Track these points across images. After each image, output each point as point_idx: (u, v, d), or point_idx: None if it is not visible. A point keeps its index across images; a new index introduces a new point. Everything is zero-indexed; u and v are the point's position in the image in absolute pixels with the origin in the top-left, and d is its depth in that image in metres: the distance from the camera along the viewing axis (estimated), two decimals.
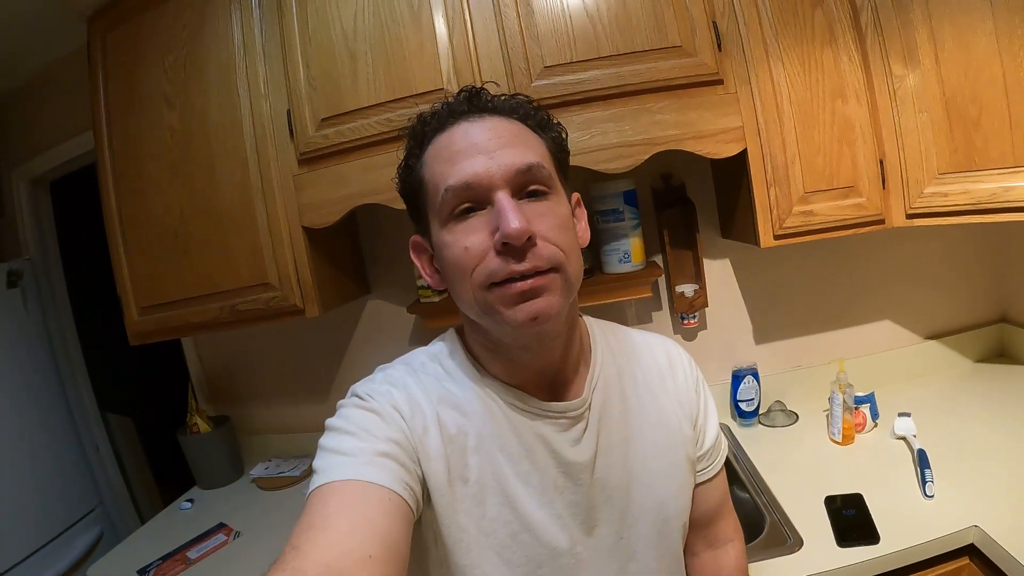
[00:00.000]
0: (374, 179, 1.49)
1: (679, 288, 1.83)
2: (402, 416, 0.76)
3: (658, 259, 1.88)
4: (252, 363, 2.24)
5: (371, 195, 1.50)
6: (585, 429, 0.84)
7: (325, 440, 0.73)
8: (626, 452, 0.87)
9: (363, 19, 1.48)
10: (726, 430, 1.84)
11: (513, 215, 0.69)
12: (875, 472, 1.47)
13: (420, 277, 1.84)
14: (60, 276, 2.71)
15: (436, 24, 1.44)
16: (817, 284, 1.90)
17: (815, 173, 1.44)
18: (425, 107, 0.82)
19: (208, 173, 1.62)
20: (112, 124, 1.76)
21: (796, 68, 1.42)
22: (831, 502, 1.37)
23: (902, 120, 1.41)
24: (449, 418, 0.78)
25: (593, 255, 1.78)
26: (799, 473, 1.54)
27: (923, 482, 1.34)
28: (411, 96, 1.45)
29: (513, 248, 0.70)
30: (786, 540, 1.30)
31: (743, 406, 1.84)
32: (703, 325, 1.92)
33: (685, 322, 1.86)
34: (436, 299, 1.80)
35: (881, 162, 1.45)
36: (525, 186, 0.74)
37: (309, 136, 1.52)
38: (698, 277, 1.82)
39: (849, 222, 1.46)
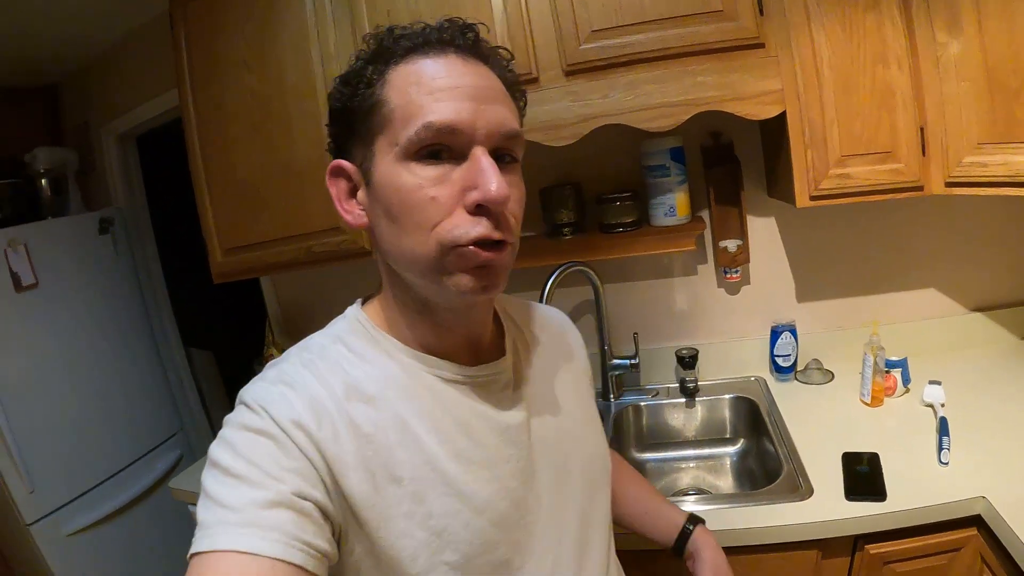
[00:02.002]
0: None
1: (723, 243, 1.92)
2: (305, 431, 0.65)
3: (704, 214, 1.97)
4: (325, 301, 2.43)
5: None
6: (513, 389, 0.82)
7: (207, 479, 0.63)
8: (553, 408, 0.88)
9: None
10: (762, 383, 1.95)
11: (498, 178, 0.65)
12: (896, 435, 1.54)
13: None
14: (147, 222, 3.02)
15: None
16: (863, 247, 1.93)
17: (853, 137, 1.47)
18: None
19: (286, 131, 1.78)
20: (196, 88, 1.93)
21: (837, 32, 1.44)
22: (847, 458, 1.45)
23: (944, 88, 1.42)
24: (361, 414, 0.69)
25: (640, 207, 1.88)
26: (823, 429, 1.63)
27: (939, 449, 1.40)
28: None
29: (487, 212, 0.67)
30: (798, 488, 1.40)
31: (780, 361, 1.93)
32: (745, 280, 2.01)
33: (728, 276, 1.96)
34: None
35: (922, 129, 1.46)
36: (500, 151, 0.70)
37: None
38: (742, 233, 1.91)
39: (886, 187, 1.49)
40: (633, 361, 2.00)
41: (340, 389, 0.70)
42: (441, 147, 0.66)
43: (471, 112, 0.66)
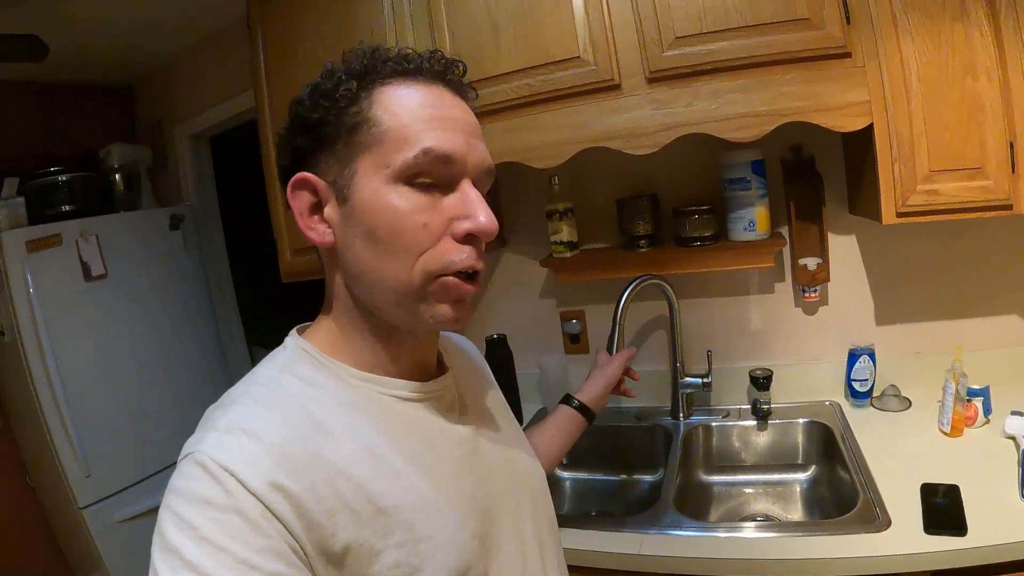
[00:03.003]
0: (514, 139, 1.72)
1: (802, 261, 1.95)
2: (282, 491, 0.61)
3: (783, 230, 2.00)
4: None
5: (511, 154, 1.72)
6: (458, 401, 0.86)
7: (162, 568, 0.57)
8: (492, 420, 0.92)
9: None
10: (837, 408, 1.96)
11: (487, 209, 0.72)
12: (977, 467, 1.52)
13: (554, 234, 2.06)
14: (217, 221, 3.25)
15: None
16: (946, 269, 1.93)
17: (941, 152, 1.48)
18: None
19: None
20: (272, 86, 2.09)
21: (925, 43, 1.45)
22: (926, 490, 1.44)
23: None
24: (331, 449, 0.68)
25: (719, 221, 1.93)
26: (901, 458, 1.62)
27: (1022, 484, 1.39)
28: (549, 63, 1.66)
29: (473, 241, 0.72)
30: (875, 519, 1.40)
31: (856, 386, 1.94)
32: (824, 300, 2.03)
33: (806, 295, 1.99)
34: (568, 254, 2.05)
35: (1012, 144, 1.45)
36: (480, 188, 0.75)
37: None
38: (822, 251, 1.94)
39: (975, 205, 1.49)
40: (705, 380, 2.03)
41: (306, 424, 0.68)
42: (434, 175, 0.71)
43: (464, 145, 0.72)
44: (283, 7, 2.03)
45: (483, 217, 0.71)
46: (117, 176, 3.06)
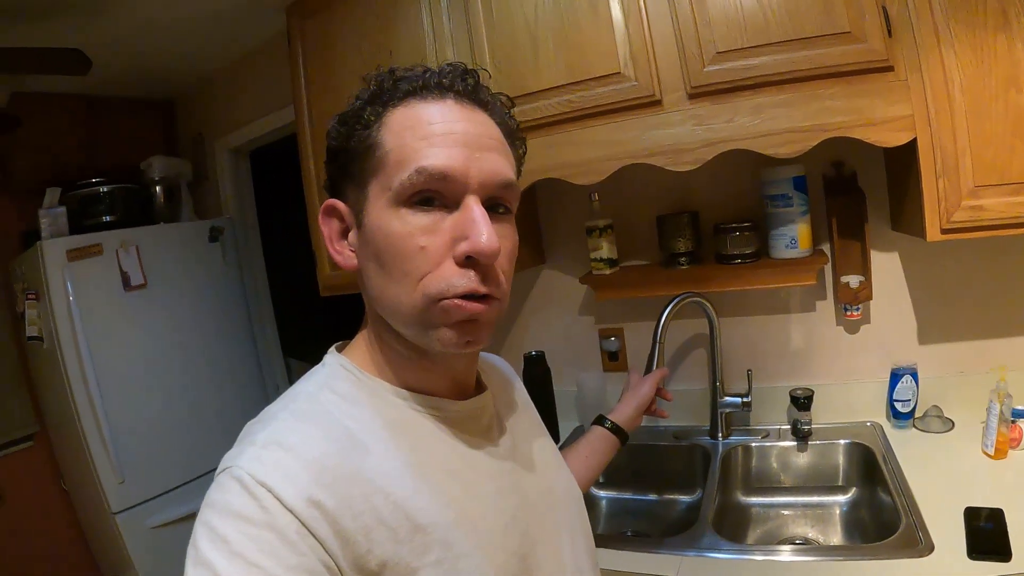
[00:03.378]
0: (554, 155, 1.76)
1: (844, 278, 1.95)
2: (319, 507, 0.62)
3: (825, 247, 2.01)
4: None
5: (552, 170, 1.77)
6: (496, 420, 0.88)
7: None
8: (529, 440, 0.93)
9: (543, 8, 1.74)
10: (878, 429, 1.96)
11: (489, 229, 0.68)
12: (1022, 490, 1.51)
13: (593, 251, 2.07)
14: (255, 234, 3.37)
15: (612, 11, 1.66)
16: (991, 287, 1.91)
17: (985, 166, 1.47)
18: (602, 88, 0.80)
19: None
20: (312, 101, 2.17)
21: (968, 55, 1.45)
22: (970, 514, 1.43)
23: None
24: (369, 466, 0.69)
25: (760, 239, 1.95)
26: (944, 481, 1.61)
27: None
28: (589, 79, 1.71)
29: (476, 264, 0.70)
30: (917, 543, 1.39)
31: (898, 406, 1.93)
32: (866, 318, 2.03)
33: (848, 314, 1.99)
34: (608, 271, 2.08)
35: None
36: (494, 201, 0.74)
37: None
38: (865, 268, 1.94)
39: (1020, 221, 1.48)
40: (745, 399, 2.05)
41: (344, 440, 0.69)
42: (433, 194, 0.70)
43: (464, 159, 0.70)
44: (323, 24, 2.11)
45: (483, 238, 0.68)
46: (158, 188, 3.18)
